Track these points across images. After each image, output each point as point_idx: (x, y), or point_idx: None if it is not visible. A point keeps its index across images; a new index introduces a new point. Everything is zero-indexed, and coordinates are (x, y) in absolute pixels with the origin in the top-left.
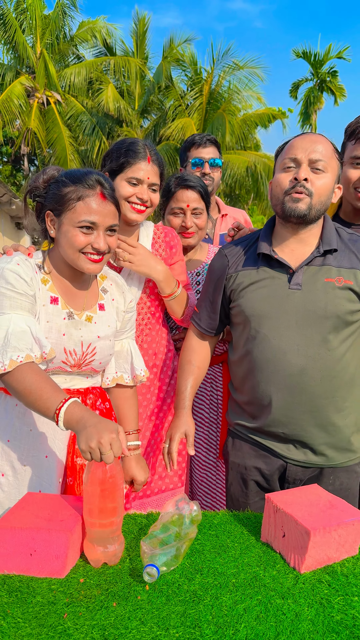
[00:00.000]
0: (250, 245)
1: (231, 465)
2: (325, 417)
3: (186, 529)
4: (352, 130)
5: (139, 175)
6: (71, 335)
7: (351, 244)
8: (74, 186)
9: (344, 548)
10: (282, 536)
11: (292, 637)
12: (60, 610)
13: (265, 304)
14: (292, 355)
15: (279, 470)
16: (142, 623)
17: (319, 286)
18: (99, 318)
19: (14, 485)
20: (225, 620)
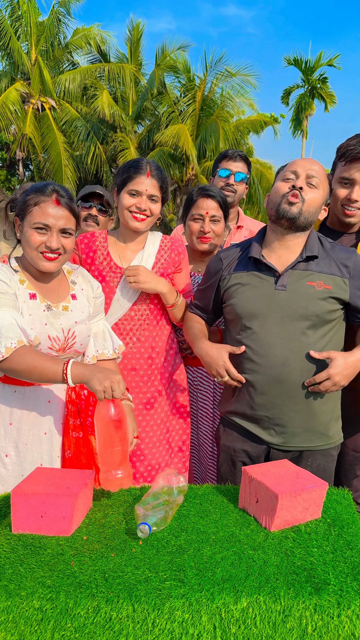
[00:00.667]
0: (243, 251)
1: (222, 448)
2: (305, 404)
3: (174, 497)
4: (343, 152)
5: (138, 187)
6: (52, 323)
7: (332, 253)
8: (34, 194)
9: (309, 511)
10: (256, 502)
11: (259, 578)
12: (67, 560)
13: (254, 303)
14: (277, 348)
15: (263, 452)
16: (136, 568)
17: (302, 288)
18: (74, 306)
19: (17, 463)
20: (205, 566)
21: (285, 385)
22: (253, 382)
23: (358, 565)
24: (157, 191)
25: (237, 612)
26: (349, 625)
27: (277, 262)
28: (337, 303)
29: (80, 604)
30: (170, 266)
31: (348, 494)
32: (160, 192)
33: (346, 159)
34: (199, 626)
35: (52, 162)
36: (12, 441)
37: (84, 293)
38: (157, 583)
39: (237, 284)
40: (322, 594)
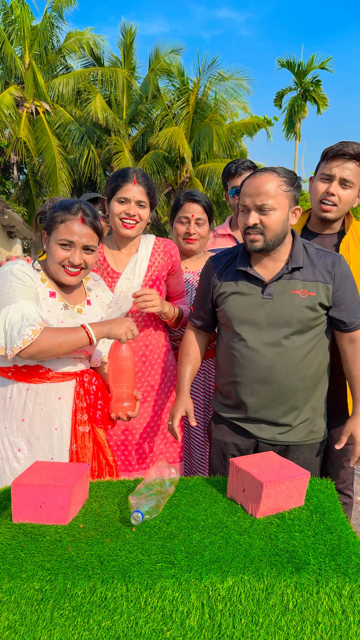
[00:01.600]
0: (232, 260)
1: (213, 442)
2: (291, 404)
3: (166, 487)
4: (325, 153)
5: (126, 195)
6: (68, 323)
7: (316, 260)
8: (61, 212)
9: (292, 499)
10: (243, 491)
11: (245, 559)
12: (65, 545)
13: (242, 310)
14: (264, 352)
15: (252, 446)
16: (129, 552)
17: (287, 297)
18: (88, 310)
19: (29, 457)
20: (194, 549)
21: (272, 387)
22: (243, 384)
23: (337, 547)
24: (145, 197)
25: (224, 590)
26: (327, 601)
27: (264, 272)
28: (321, 309)
29: (77, 585)
30: (164, 269)
31: (331, 484)
32: (147, 198)
33: (327, 157)
34: (188, 604)
35: (46, 165)
36: (24, 437)
37: (99, 300)
38: (149, 565)
39: (228, 291)
40: (302, 573)
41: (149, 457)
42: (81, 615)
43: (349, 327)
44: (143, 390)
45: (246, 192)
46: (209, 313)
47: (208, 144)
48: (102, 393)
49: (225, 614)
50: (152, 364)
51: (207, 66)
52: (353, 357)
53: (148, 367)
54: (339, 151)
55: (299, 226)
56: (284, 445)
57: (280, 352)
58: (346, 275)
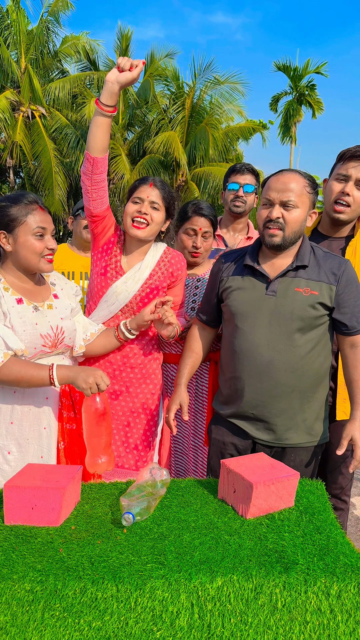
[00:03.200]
0: (241, 257)
1: (212, 442)
2: (289, 403)
3: (157, 489)
4: (342, 154)
5: (140, 194)
6: (42, 323)
7: (323, 261)
8: (17, 206)
9: (282, 500)
10: (233, 492)
11: (234, 560)
12: (56, 547)
13: (246, 305)
14: (263, 348)
15: (250, 446)
16: (120, 553)
17: (290, 294)
18: (57, 304)
19: (19, 458)
20: (184, 550)
21: (271, 384)
22: (241, 379)
23: (325, 546)
24: (160, 200)
25: (213, 590)
26: (315, 600)
27: (270, 268)
28: (323, 309)
29: (68, 586)
30: (165, 279)
31: (321, 485)
32: (162, 202)
33: (344, 158)
34: (177, 604)
35: (42, 169)
36: (13, 439)
37: (64, 292)
38: (139, 566)
39: (233, 286)
40: (291, 572)
41: (124, 469)
42: (72, 616)
43: (351, 330)
44: (117, 387)
45: (272, 187)
46: (215, 308)
47: (204, 148)
48: None
49: (214, 614)
50: (132, 367)
51: (202, 70)
52: (354, 362)
53: (127, 367)
54: (357, 152)
55: (309, 228)
56: (281, 447)
57: (280, 349)
58: (352, 279)
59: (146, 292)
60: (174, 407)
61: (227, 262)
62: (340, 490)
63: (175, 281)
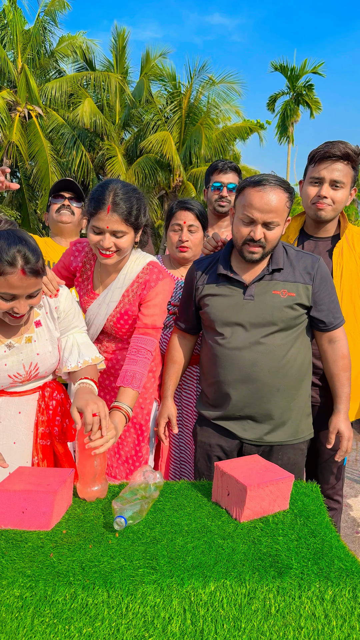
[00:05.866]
0: (214, 264)
1: (198, 444)
2: (274, 403)
3: (150, 492)
4: (312, 156)
5: (99, 224)
6: (12, 363)
7: (296, 262)
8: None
9: (277, 502)
10: (227, 495)
11: (227, 564)
12: (47, 552)
13: (225, 311)
14: (246, 351)
15: (237, 447)
16: (111, 558)
17: (267, 297)
18: (38, 335)
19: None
20: (177, 554)
21: (255, 385)
22: (226, 383)
23: (320, 550)
24: (122, 225)
25: (206, 595)
26: (309, 605)
27: (245, 273)
28: (301, 309)
29: (58, 592)
30: (134, 303)
31: (316, 487)
32: (126, 225)
33: (315, 161)
34: (169, 609)
35: (39, 169)
36: None
37: (49, 316)
38: (131, 571)
39: (210, 294)
40: (285, 577)
41: (116, 479)
42: (62, 622)
43: (328, 327)
44: (109, 398)
45: (255, 206)
46: (193, 315)
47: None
48: (61, 408)
49: (207, 620)
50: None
51: (198, 70)
52: (333, 356)
53: (115, 389)
54: (326, 153)
55: (296, 228)
56: (269, 445)
57: (262, 350)
58: (325, 276)
59: (117, 318)
60: (163, 421)
61: (200, 269)
62: (332, 490)
63: (142, 300)
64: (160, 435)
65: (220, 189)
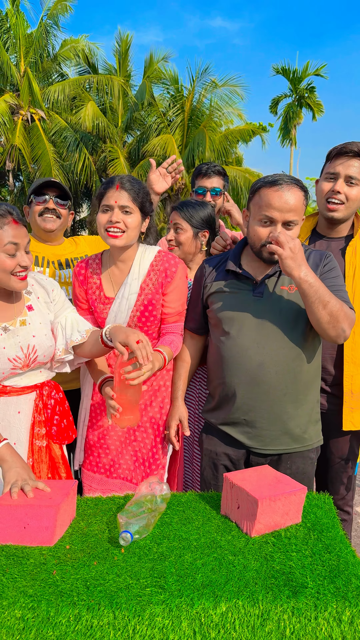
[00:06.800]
0: (223, 262)
1: (205, 452)
2: (281, 407)
3: (157, 505)
4: (329, 153)
5: (108, 202)
6: (10, 345)
7: (305, 259)
8: None
9: (289, 516)
10: (237, 508)
11: (239, 583)
12: (50, 569)
13: (232, 309)
14: (253, 351)
15: (243, 456)
16: (117, 576)
17: (276, 294)
18: (31, 318)
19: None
20: (186, 572)
21: (262, 387)
22: (232, 384)
23: (336, 567)
24: (130, 202)
25: (217, 616)
26: (326, 627)
27: (255, 270)
28: None
29: (61, 613)
30: (157, 291)
31: (329, 499)
32: (134, 204)
33: (331, 157)
34: (179, 631)
35: (42, 172)
36: None
37: (40, 301)
38: (138, 590)
39: (218, 291)
40: (300, 597)
41: (116, 462)
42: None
43: None
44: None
45: (275, 205)
46: (200, 314)
47: (203, 150)
48: (59, 407)
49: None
50: (151, 386)
51: (200, 73)
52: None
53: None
54: (343, 149)
55: (308, 228)
56: (276, 454)
57: (269, 351)
58: (333, 266)
59: (141, 311)
60: (174, 423)
61: (210, 267)
62: (342, 501)
63: (165, 288)
64: (171, 438)
65: (203, 194)
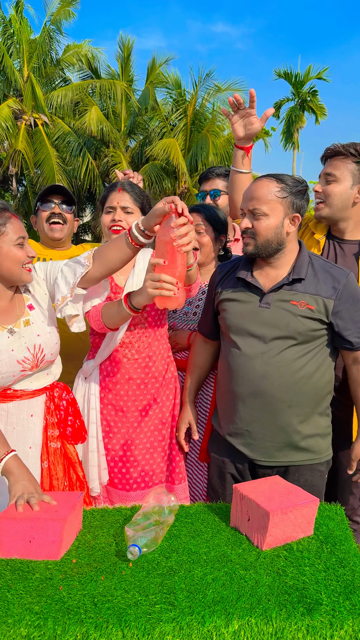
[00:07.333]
0: (235, 268)
1: (212, 460)
2: (285, 419)
3: (165, 516)
4: (323, 155)
5: (111, 203)
6: (18, 347)
7: (321, 274)
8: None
9: (300, 528)
10: (247, 520)
11: (251, 599)
12: (56, 584)
13: (239, 318)
14: (257, 361)
15: (248, 467)
16: (125, 592)
17: (285, 307)
18: (34, 318)
19: (2, 481)
20: (196, 587)
21: (265, 399)
22: (236, 394)
23: (350, 583)
24: (131, 204)
25: (229, 635)
26: None
27: (265, 280)
28: (319, 323)
29: (68, 631)
30: None
31: (340, 510)
32: (135, 205)
33: (323, 160)
34: None
35: (45, 177)
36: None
37: (37, 296)
38: (147, 607)
39: (227, 299)
40: (315, 614)
41: (147, 473)
42: None
43: (355, 347)
44: (146, 403)
45: (243, 196)
46: (211, 320)
47: (206, 155)
48: (72, 408)
49: None
50: (155, 376)
51: (203, 77)
52: (358, 377)
53: (151, 379)
54: (327, 153)
55: (323, 232)
56: (283, 466)
57: (274, 363)
58: (354, 294)
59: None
60: (184, 426)
61: (222, 273)
62: (351, 512)
63: None
64: (181, 441)
65: (203, 198)
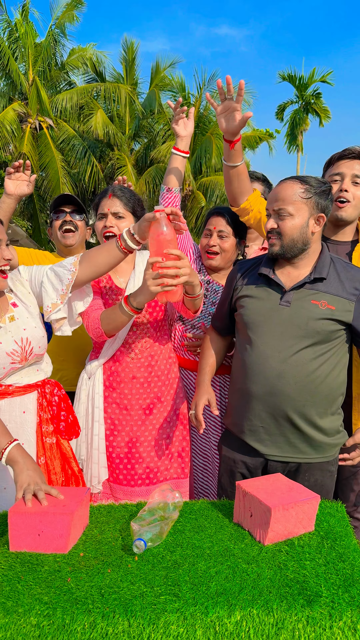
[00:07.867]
0: (257, 265)
1: (223, 459)
2: (299, 418)
3: (169, 512)
4: (330, 159)
5: (102, 210)
6: (6, 340)
7: (344, 275)
8: None
9: (302, 524)
10: (250, 516)
11: (253, 591)
12: (64, 576)
13: (258, 315)
14: (273, 360)
15: (261, 465)
16: (131, 583)
17: (305, 306)
18: (18, 314)
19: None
20: (200, 580)
21: (280, 398)
22: (251, 391)
23: (350, 577)
24: (122, 209)
25: (231, 625)
26: (341, 636)
27: (287, 278)
28: (339, 324)
29: (76, 620)
30: None
31: (341, 507)
32: (126, 209)
33: (333, 162)
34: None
35: (49, 180)
36: None
37: (21, 296)
38: (152, 598)
39: (247, 295)
40: (314, 606)
41: (152, 471)
42: None
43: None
44: (149, 401)
45: (268, 198)
46: (226, 315)
47: (210, 157)
48: (64, 404)
49: None
50: (159, 375)
51: (207, 80)
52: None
53: (154, 377)
54: (345, 151)
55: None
56: (295, 463)
57: (291, 362)
58: None
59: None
60: (202, 402)
61: (243, 270)
62: (353, 508)
63: None
64: (199, 417)
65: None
